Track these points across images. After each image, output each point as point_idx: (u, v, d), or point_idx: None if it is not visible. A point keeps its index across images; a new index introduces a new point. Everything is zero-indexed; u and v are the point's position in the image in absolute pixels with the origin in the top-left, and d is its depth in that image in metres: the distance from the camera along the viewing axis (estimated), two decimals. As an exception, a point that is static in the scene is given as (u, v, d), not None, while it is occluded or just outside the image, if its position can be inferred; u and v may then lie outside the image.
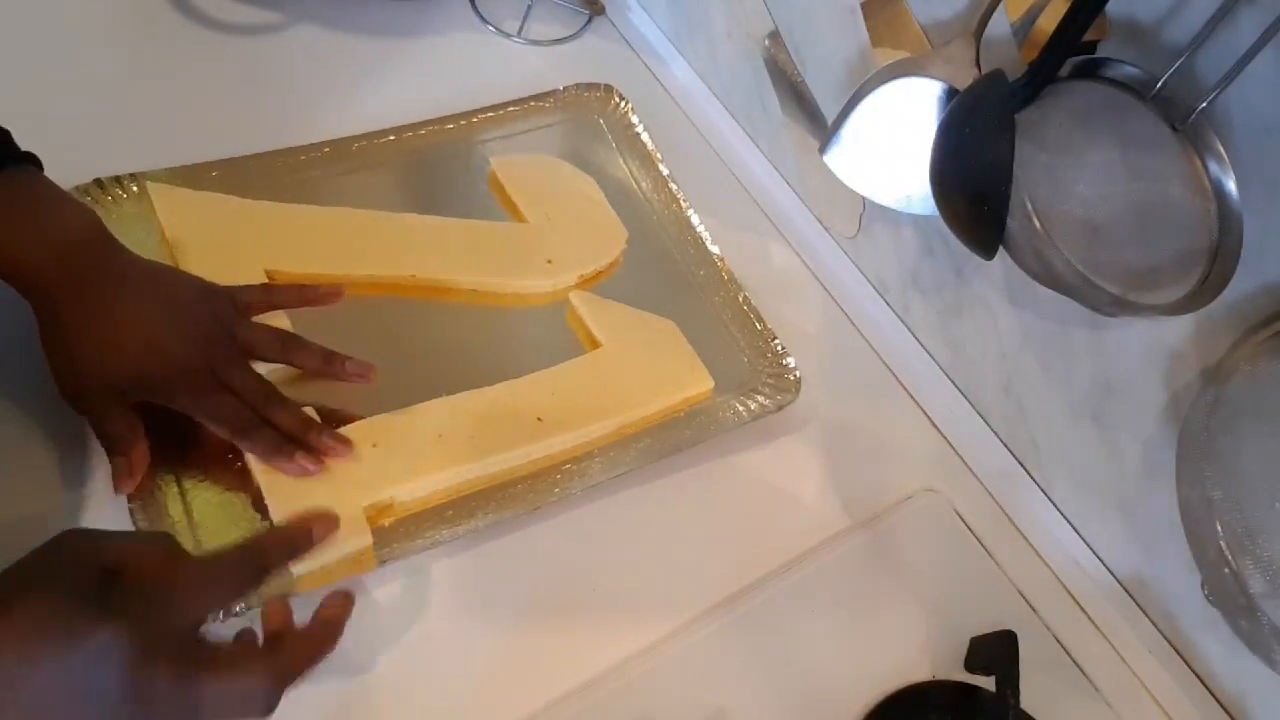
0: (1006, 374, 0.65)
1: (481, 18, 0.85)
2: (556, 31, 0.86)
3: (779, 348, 0.68)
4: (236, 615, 0.51)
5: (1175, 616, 0.60)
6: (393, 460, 0.57)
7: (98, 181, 0.63)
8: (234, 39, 0.77)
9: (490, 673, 0.54)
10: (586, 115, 0.80)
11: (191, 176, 0.66)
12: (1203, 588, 0.49)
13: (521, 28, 0.85)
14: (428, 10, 0.84)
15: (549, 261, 0.68)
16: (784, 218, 0.78)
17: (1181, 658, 0.60)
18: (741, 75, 0.79)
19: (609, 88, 0.80)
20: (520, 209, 0.71)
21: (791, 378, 0.67)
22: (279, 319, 0.59)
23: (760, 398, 0.66)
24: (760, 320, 0.69)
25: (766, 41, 0.74)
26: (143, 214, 0.63)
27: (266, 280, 0.62)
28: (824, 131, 0.58)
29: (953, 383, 0.70)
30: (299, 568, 0.52)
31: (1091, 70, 0.48)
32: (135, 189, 0.64)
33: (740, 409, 0.65)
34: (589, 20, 0.87)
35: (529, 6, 0.86)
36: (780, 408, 0.65)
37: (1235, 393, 0.47)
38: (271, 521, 0.53)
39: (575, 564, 0.58)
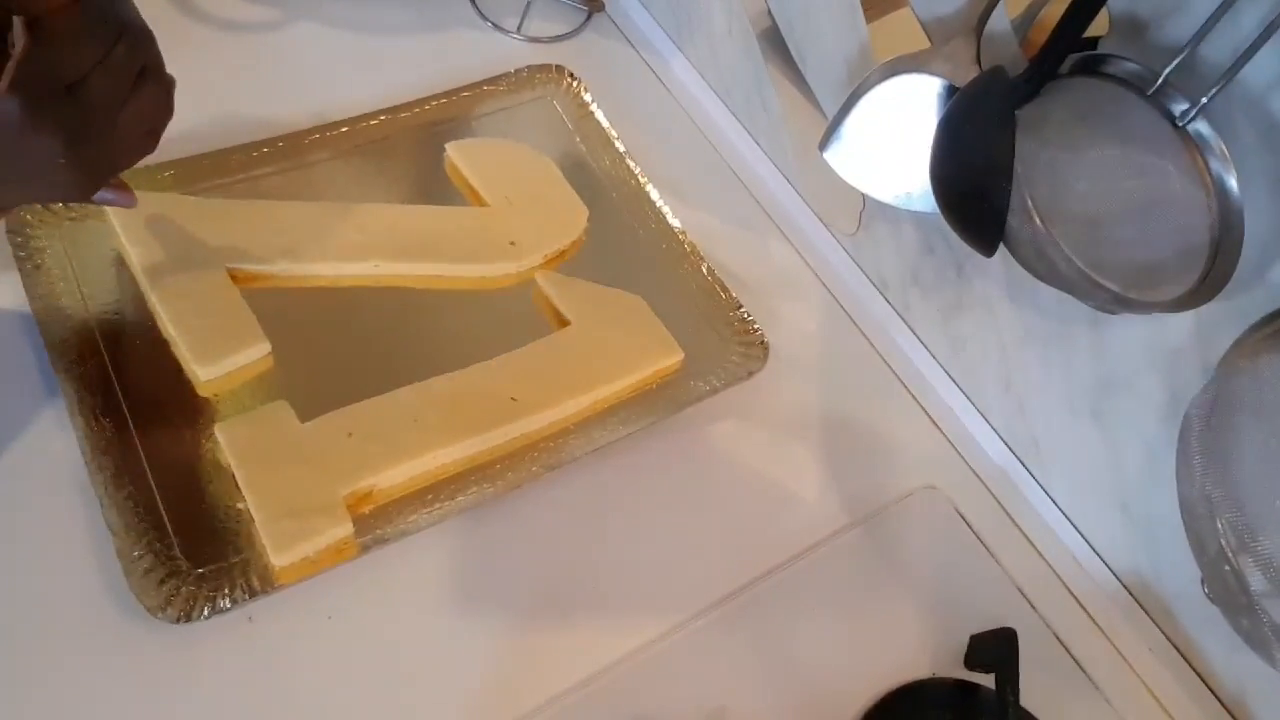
0: (1007, 371, 0.65)
1: (481, 14, 0.84)
2: (556, 28, 0.85)
3: (745, 315, 0.69)
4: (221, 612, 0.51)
5: (1175, 614, 0.60)
6: (369, 447, 0.57)
7: None
8: (231, 36, 0.77)
9: (483, 667, 0.54)
10: (539, 97, 0.80)
11: (146, 178, 0.65)
12: (1203, 585, 0.49)
13: (521, 24, 0.85)
14: (426, 6, 0.83)
15: (512, 243, 0.68)
16: (784, 215, 0.78)
17: (1182, 656, 0.60)
18: (741, 72, 0.78)
19: (560, 68, 0.80)
20: (479, 193, 0.71)
21: (759, 344, 0.67)
22: None
23: (730, 365, 0.66)
24: (725, 290, 0.70)
25: (766, 39, 0.74)
26: (98, 221, 0.63)
27: (231, 285, 0.61)
28: (824, 128, 0.57)
29: (953, 380, 0.69)
30: (281, 559, 0.52)
31: (1092, 66, 0.48)
32: None
33: (712, 377, 0.65)
34: (589, 17, 0.87)
35: (528, 3, 0.86)
36: (751, 374, 0.66)
37: (1236, 390, 0.46)
38: (247, 505, 0.54)
39: (567, 554, 0.58)
